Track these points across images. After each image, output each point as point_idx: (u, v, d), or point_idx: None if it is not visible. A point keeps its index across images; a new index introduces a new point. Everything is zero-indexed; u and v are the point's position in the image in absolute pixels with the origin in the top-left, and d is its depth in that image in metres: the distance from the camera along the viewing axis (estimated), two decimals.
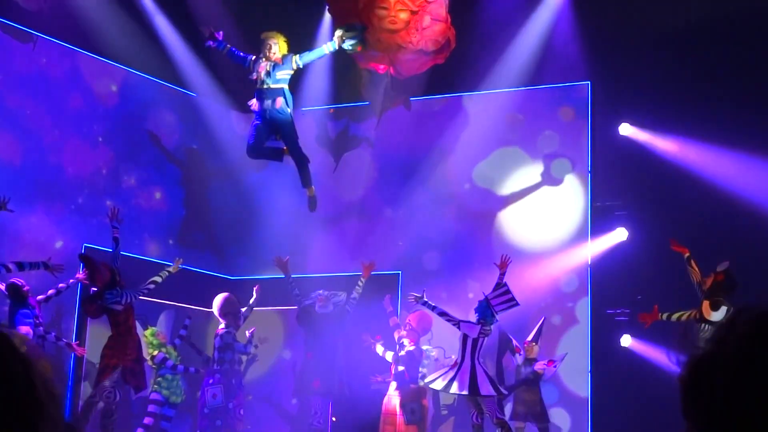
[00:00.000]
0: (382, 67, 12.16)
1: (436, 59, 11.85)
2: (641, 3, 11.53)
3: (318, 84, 13.11)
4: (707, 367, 1.53)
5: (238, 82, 13.12)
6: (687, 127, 11.40)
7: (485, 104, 12.80)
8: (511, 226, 12.47)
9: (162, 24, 12.68)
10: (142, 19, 12.47)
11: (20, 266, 9.56)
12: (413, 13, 11.27)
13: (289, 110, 10.23)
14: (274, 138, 10.47)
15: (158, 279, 10.54)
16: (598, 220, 11.97)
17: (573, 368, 11.54)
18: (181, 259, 11.07)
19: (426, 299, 10.33)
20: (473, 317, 10.14)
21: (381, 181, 13.28)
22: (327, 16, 12.37)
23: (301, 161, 10.54)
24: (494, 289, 10.05)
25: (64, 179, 11.79)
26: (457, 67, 12.23)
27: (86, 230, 11.73)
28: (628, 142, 11.93)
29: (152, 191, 13.03)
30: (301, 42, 11.22)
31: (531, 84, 12.46)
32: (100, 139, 12.34)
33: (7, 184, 10.57)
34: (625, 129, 11.98)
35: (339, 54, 11.01)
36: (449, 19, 11.55)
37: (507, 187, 12.62)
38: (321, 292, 11.43)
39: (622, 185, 11.88)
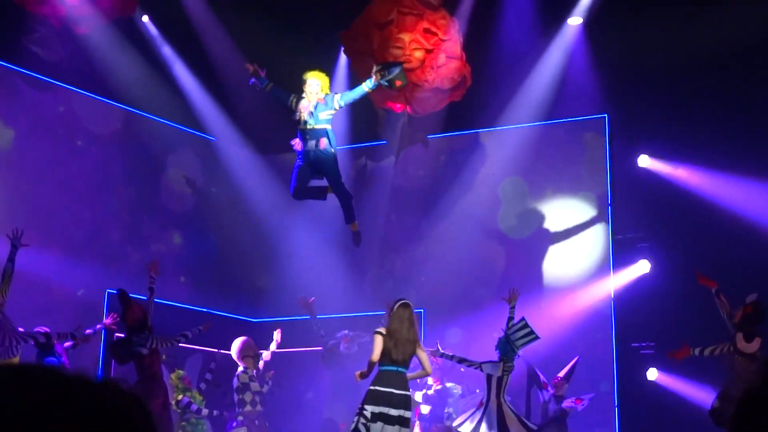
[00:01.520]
0: (398, 105, 12.22)
1: (452, 96, 11.90)
2: (656, 34, 11.55)
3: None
4: (760, 403, 1.52)
5: (257, 126, 13.22)
6: (706, 158, 11.37)
7: (503, 140, 12.82)
8: (533, 261, 12.43)
9: (180, 71, 12.81)
10: (161, 66, 12.60)
11: (48, 337, 9.61)
12: (428, 51, 11.34)
13: (333, 150, 10.15)
14: (317, 177, 10.37)
15: (188, 334, 10.53)
16: (621, 253, 11.92)
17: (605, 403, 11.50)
18: (210, 323, 11.04)
19: (442, 351, 10.27)
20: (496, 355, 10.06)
21: (401, 219, 13.29)
22: (343, 58, 12.46)
23: (346, 198, 10.46)
24: (508, 324, 9.94)
25: (85, 226, 11.84)
26: (474, 103, 12.27)
27: (108, 277, 11.76)
28: (647, 173, 11.92)
29: (171, 235, 13.07)
30: None
31: (548, 118, 12.48)
32: (120, 185, 12.41)
33: (29, 232, 10.61)
34: (644, 161, 11.97)
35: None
36: (464, 57, 11.62)
37: (527, 223, 12.60)
38: (346, 332, 11.42)
39: (643, 217, 11.84)
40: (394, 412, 8.20)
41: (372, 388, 8.36)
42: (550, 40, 12.32)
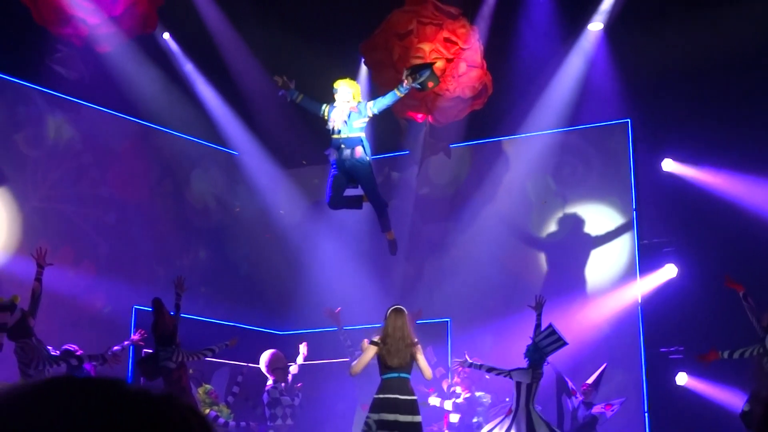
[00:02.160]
0: (420, 115, 12.22)
1: (474, 105, 11.88)
2: (677, 37, 11.49)
3: None
4: None
5: (279, 140, 13.26)
6: (730, 160, 11.30)
7: (526, 147, 12.80)
8: (559, 268, 12.39)
9: (202, 87, 12.87)
10: (183, 82, 12.67)
11: (80, 359, 9.67)
12: (449, 60, 11.33)
13: (368, 158, 10.05)
14: (352, 186, 10.26)
15: (215, 348, 10.52)
16: (647, 258, 11.86)
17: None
18: (236, 339, 11.03)
19: (471, 361, 10.24)
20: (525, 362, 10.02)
21: (425, 228, 13.28)
22: (364, 69, 12.47)
23: (381, 206, 10.32)
24: (536, 331, 9.90)
25: (111, 243, 11.90)
26: (496, 111, 12.25)
27: (134, 293, 11.81)
28: (671, 177, 11.86)
29: (197, 250, 13.12)
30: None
31: (571, 125, 12.44)
32: (145, 201, 12.48)
33: (55, 250, 10.69)
34: (668, 165, 11.91)
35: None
36: (485, 65, 11.60)
37: (552, 230, 12.56)
38: None
39: (668, 221, 11.78)
40: (402, 418, 8.18)
41: (376, 396, 8.37)
42: (570, 46, 12.30)
